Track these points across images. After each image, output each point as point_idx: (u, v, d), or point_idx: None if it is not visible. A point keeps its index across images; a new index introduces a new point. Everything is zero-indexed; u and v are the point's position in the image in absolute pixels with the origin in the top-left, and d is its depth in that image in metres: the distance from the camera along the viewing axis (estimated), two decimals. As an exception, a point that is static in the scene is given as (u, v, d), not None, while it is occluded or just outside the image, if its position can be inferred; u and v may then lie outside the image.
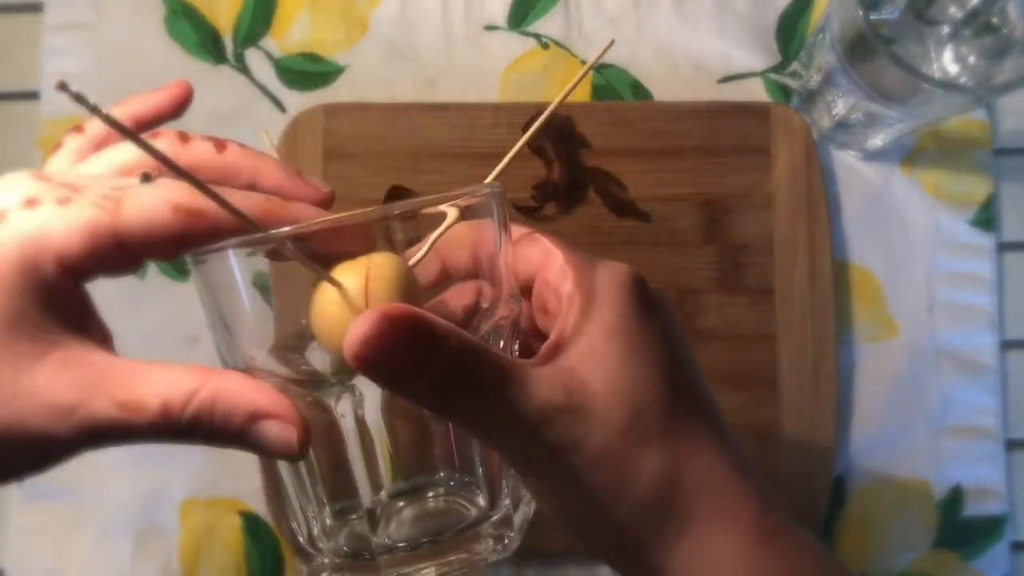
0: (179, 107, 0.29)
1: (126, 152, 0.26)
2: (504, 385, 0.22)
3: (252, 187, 0.26)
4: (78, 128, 0.27)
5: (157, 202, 0.22)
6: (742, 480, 0.25)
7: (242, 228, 0.22)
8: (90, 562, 0.44)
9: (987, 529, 0.45)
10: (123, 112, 0.28)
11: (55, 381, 0.21)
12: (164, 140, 0.26)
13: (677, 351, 0.25)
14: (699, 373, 0.26)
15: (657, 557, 0.24)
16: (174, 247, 0.23)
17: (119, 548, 0.44)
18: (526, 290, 0.28)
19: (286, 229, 0.22)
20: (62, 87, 0.17)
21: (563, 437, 0.22)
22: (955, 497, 0.45)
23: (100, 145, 0.27)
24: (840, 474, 0.45)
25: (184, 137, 0.26)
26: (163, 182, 0.23)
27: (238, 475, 0.44)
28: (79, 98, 0.17)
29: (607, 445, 0.23)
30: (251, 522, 0.44)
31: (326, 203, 0.27)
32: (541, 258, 0.27)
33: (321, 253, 0.22)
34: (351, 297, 0.22)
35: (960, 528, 0.45)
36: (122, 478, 0.44)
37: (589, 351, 0.24)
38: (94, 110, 0.17)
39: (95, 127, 0.27)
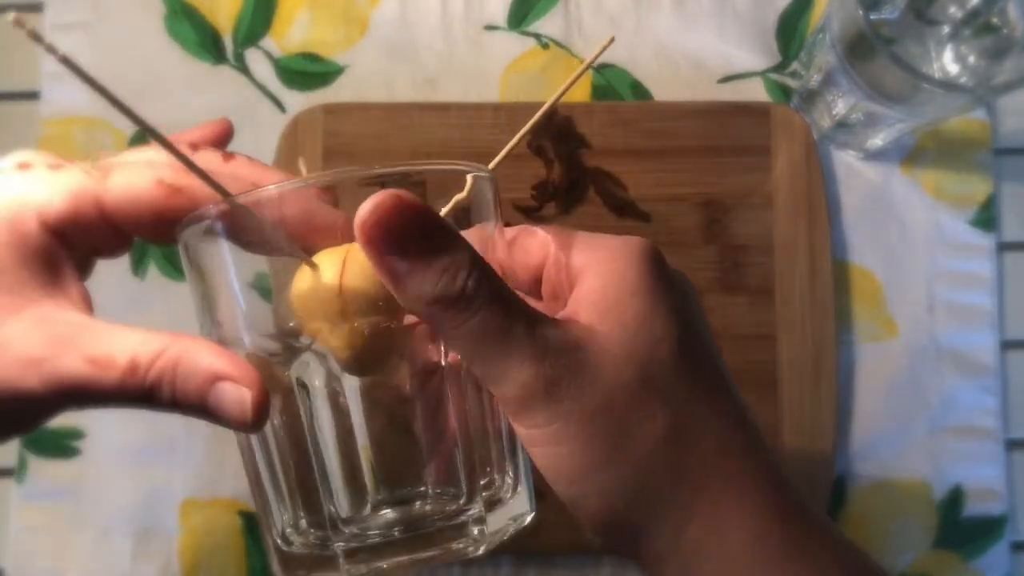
0: (222, 141, 0.29)
1: (145, 156, 0.26)
2: (514, 302, 0.22)
3: None
4: None
5: (143, 174, 0.24)
6: (761, 459, 0.24)
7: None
8: (90, 562, 0.44)
9: (987, 529, 0.45)
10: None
11: (29, 335, 0.22)
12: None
13: (695, 325, 0.24)
14: (718, 352, 0.25)
15: (660, 533, 0.23)
16: (155, 221, 0.24)
17: (119, 548, 0.44)
18: (534, 284, 0.27)
19: (268, 187, 0.22)
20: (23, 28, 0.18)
21: (568, 377, 0.22)
22: (955, 497, 0.45)
23: None
24: (840, 474, 0.45)
25: (193, 146, 0.26)
26: (154, 161, 0.24)
27: (238, 475, 0.44)
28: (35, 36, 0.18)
29: (612, 396, 0.22)
30: (251, 522, 0.44)
31: None
32: (541, 247, 0.26)
33: (307, 248, 0.22)
34: (326, 276, 0.22)
35: (960, 528, 0.45)
36: (122, 478, 0.44)
37: (606, 308, 0.23)
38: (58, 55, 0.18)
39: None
